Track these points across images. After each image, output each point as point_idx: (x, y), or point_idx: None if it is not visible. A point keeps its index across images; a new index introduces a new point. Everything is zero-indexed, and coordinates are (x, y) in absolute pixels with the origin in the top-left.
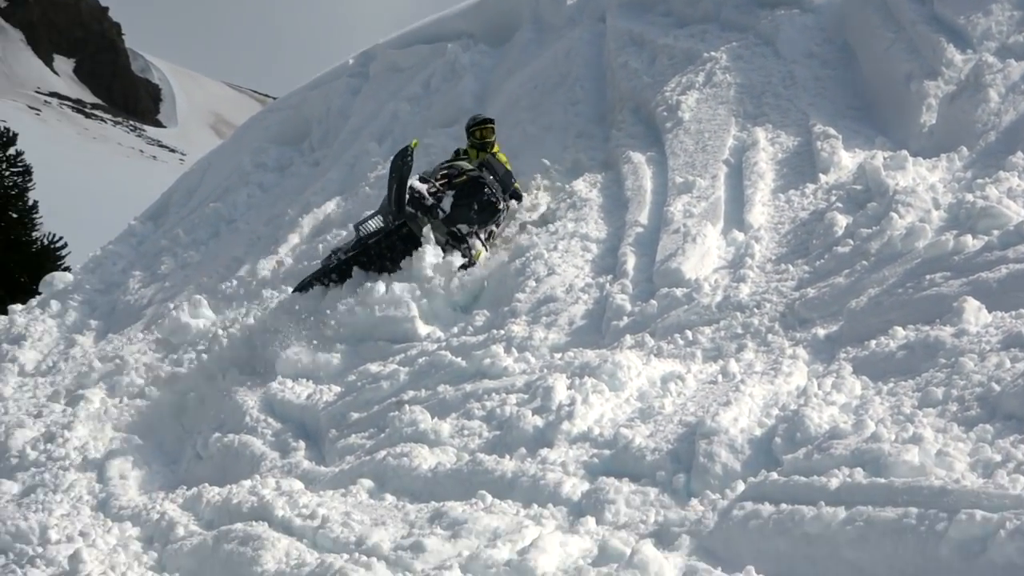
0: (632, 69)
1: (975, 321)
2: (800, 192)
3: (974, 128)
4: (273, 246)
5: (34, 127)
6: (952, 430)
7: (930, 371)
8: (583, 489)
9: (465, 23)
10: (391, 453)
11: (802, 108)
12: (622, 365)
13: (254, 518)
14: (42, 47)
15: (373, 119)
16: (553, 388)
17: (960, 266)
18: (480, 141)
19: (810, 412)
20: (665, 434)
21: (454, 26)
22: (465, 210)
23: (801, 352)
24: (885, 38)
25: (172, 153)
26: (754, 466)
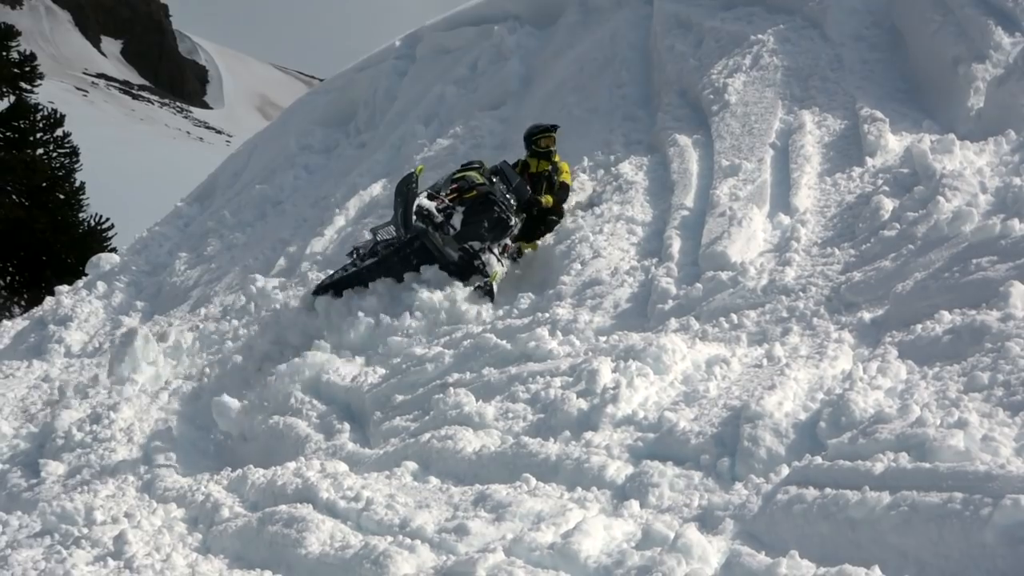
0: (678, 52)
1: (1022, 306)
2: (846, 175)
3: (1022, 112)
4: (319, 228)
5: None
6: (998, 415)
7: (976, 356)
8: (627, 472)
9: (511, 5)
10: (435, 436)
11: (849, 91)
12: (667, 348)
13: (299, 500)
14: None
15: (419, 101)
16: (598, 371)
17: (1007, 250)
18: (544, 150)
19: (855, 396)
20: (710, 418)
21: (500, 8)
22: (476, 227)
23: (846, 336)
24: (933, 21)
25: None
26: (799, 450)
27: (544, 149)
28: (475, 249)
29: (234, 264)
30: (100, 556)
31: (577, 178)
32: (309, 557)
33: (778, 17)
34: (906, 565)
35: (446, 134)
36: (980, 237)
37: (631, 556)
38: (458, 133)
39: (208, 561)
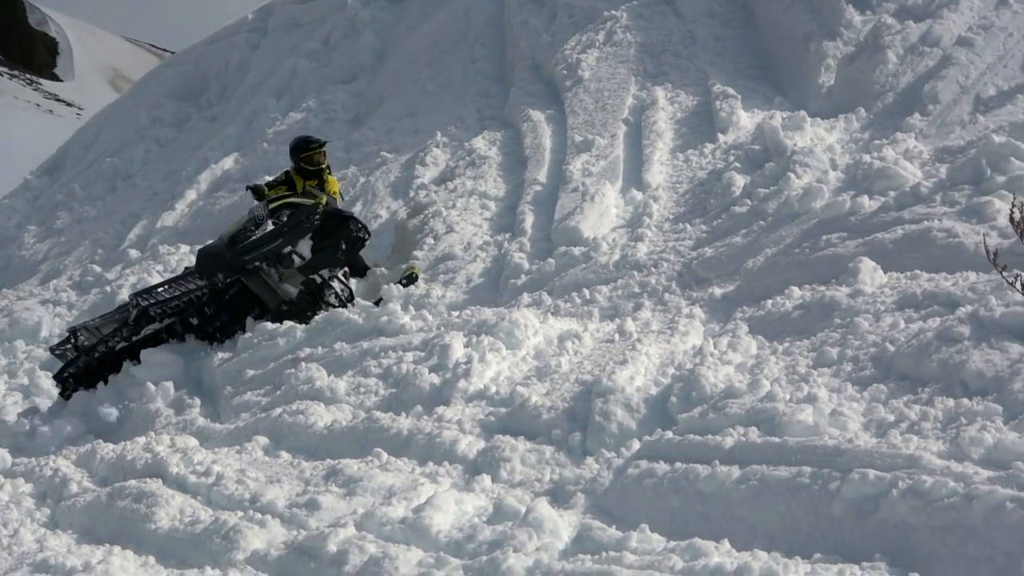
0: (532, 27)
1: (870, 281)
2: (699, 152)
3: (872, 89)
4: (170, 201)
5: None
6: (846, 390)
7: (825, 331)
8: (479, 447)
9: None
10: (287, 410)
11: (702, 67)
12: (519, 323)
13: (148, 475)
14: None
15: (272, 75)
16: (450, 346)
17: (856, 227)
18: (315, 168)
19: (706, 371)
20: (561, 392)
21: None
22: (331, 251)
23: (698, 311)
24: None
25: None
26: (650, 425)
27: (315, 167)
28: (321, 280)
29: (84, 237)
30: None
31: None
32: (159, 532)
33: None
34: (755, 538)
35: (298, 108)
36: (830, 213)
37: (482, 530)
38: (311, 107)
39: (56, 536)
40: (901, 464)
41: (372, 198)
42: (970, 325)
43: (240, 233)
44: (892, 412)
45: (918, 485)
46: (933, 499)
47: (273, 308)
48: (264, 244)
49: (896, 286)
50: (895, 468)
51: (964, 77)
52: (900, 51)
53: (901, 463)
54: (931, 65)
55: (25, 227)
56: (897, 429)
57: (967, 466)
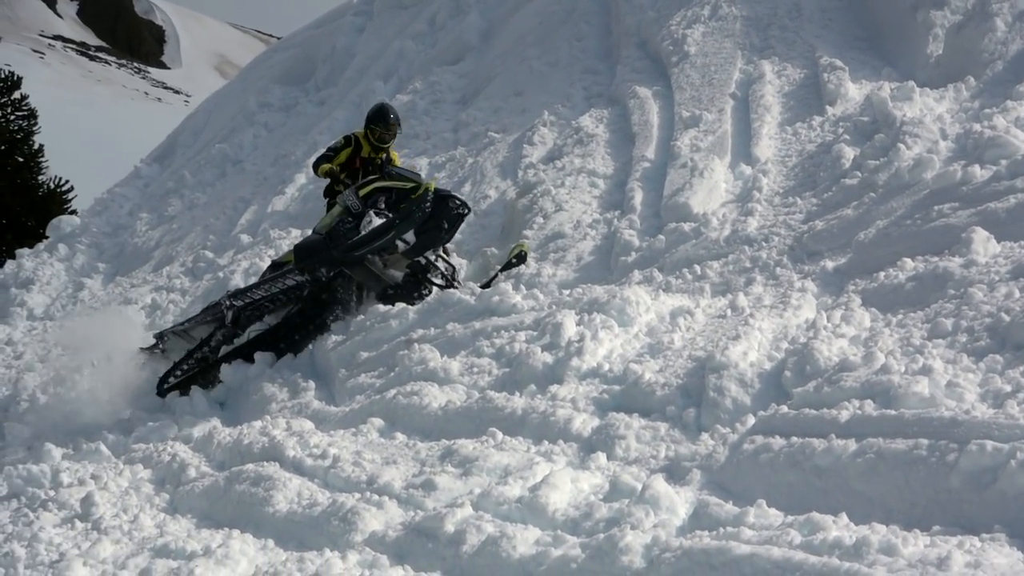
0: (637, 3)
1: (984, 251)
2: (807, 125)
3: (981, 58)
4: (280, 186)
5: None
6: (962, 361)
7: (939, 302)
8: (593, 425)
9: None
10: (401, 392)
11: (808, 40)
12: (631, 300)
13: (265, 459)
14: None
15: (378, 57)
16: (562, 324)
17: (968, 196)
18: (384, 146)
19: (819, 345)
20: (675, 369)
21: None
22: (434, 232)
23: (810, 285)
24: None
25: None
26: (764, 400)
27: (384, 145)
28: (426, 260)
29: (195, 224)
30: (67, 518)
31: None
32: (277, 515)
33: None
34: (873, 512)
35: (405, 90)
36: (941, 184)
37: (599, 508)
38: (417, 89)
39: (176, 521)
40: (1019, 435)
41: (480, 178)
42: None
43: (339, 226)
44: (1009, 382)
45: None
46: None
47: (379, 295)
48: (376, 238)
49: (1010, 255)
50: (1013, 439)
51: None
52: (1009, 18)
53: (1019, 433)
54: None
55: (137, 215)
56: (1014, 399)
57: None
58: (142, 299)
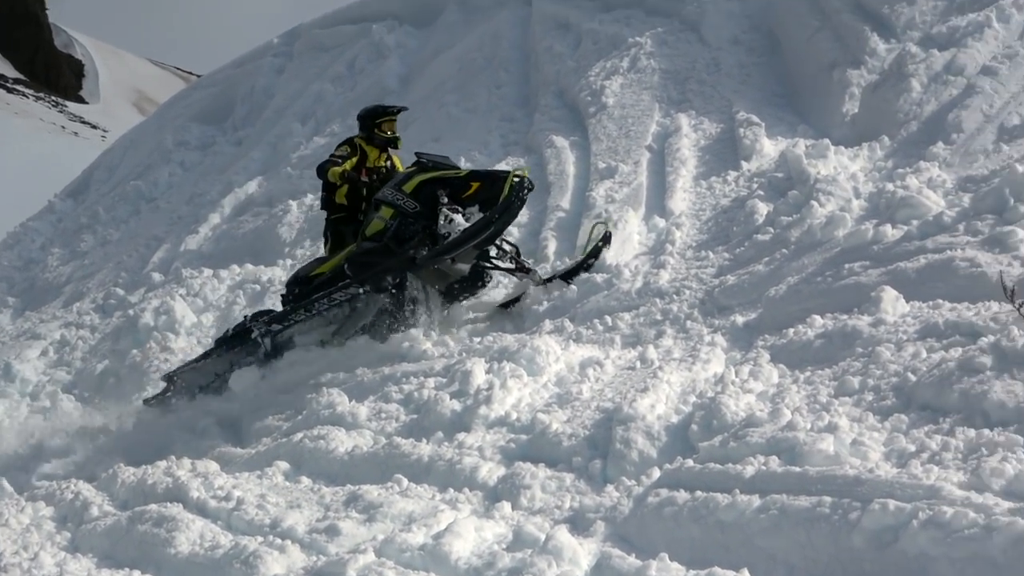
0: (556, 53)
1: (893, 311)
2: (722, 179)
3: (896, 117)
4: (194, 225)
5: None
6: (867, 419)
7: (847, 360)
8: (499, 474)
9: (391, 4)
10: (308, 435)
11: (726, 95)
12: (541, 350)
13: (169, 499)
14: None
15: (297, 99)
16: (471, 372)
17: (879, 255)
18: (390, 138)
19: (727, 400)
20: (582, 420)
21: (380, 7)
22: (506, 215)
23: (719, 339)
24: (810, 26)
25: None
26: (670, 453)
27: (389, 136)
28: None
29: (107, 260)
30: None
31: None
32: (178, 556)
33: (656, 20)
34: (775, 568)
35: (323, 132)
36: (852, 242)
37: (502, 558)
38: (335, 132)
39: (76, 560)
40: (921, 495)
41: None
42: (992, 355)
43: (401, 229)
44: (913, 442)
45: (938, 516)
46: (953, 530)
47: (444, 291)
48: (475, 235)
49: (918, 315)
50: (915, 499)
51: (988, 106)
52: (924, 79)
53: (922, 494)
54: (955, 94)
55: (49, 250)
56: (918, 459)
57: (988, 497)
58: (51, 335)
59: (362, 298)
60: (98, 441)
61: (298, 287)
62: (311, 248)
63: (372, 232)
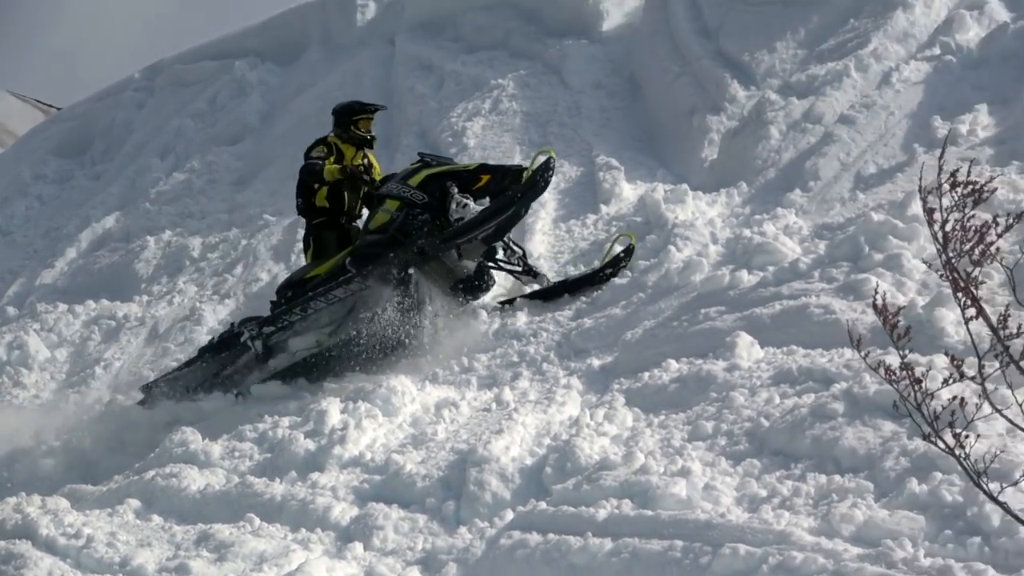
0: (419, 94)
1: (747, 356)
2: (581, 222)
3: (754, 164)
4: (50, 259)
5: None
6: (720, 464)
7: (701, 405)
8: (352, 514)
9: (253, 40)
10: (160, 473)
11: (586, 138)
12: (396, 390)
13: (17, 536)
14: None
15: (157, 134)
16: (326, 412)
17: (735, 301)
18: (366, 135)
19: (581, 442)
20: (437, 461)
21: (242, 43)
22: (518, 206)
23: (575, 382)
24: (671, 71)
25: None
26: (524, 495)
27: (365, 134)
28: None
29: None
30: None
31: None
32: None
33: (519, 62)
34: None
35: (182, 168)
36: (709, 287)
37: None
38: (194, 168)
39: None
40: (772, 540)
41: (253, 261)
42: (844, 402)
43: (408, 220)
44: (765, 487)
45: (788, 561)
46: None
47: (448, 290)
48: (495, 216)
49: (772, 361)
50: (766, 544)
51: (845, 154)
52: (783, 127)
53: (772, 539)
54: (813, 142)
55: None
56: (769, 504)
57: (837, 543)
58: None
59: (363, 294)
60: None
61: (291, 290)
62: (167, 284)
63: (377, 225)
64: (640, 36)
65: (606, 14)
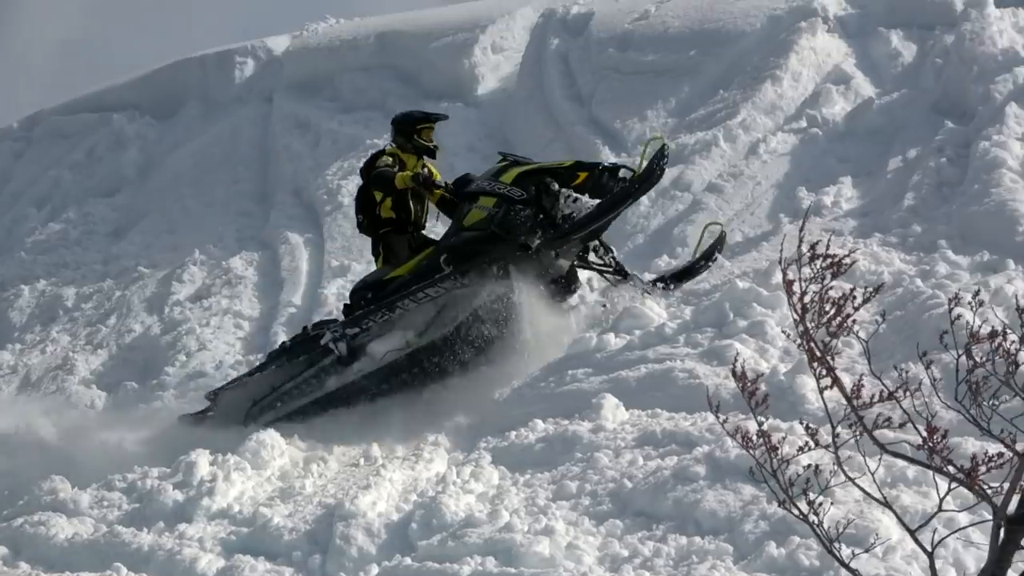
0: (295, 152)
1: (612, 418)
2: None
3: (623, 229)
4: None
5: None
6: (583, 523)
7: (566, 464)
8: (219, 566)
9: (132, 94)
10: (28, 521)
11: None
12: (265, 443)
13: None
14: None
15: (34, 184)
16: (195, 463)
17: (602, 363)
18: (428, 147)
19: (447, 499)
20: (304, 514)
21: (121, 97)
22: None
23: (443, 439)
24: (544, 136)
25: None
26: (389, 550)
27: (428, 143)
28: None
29: None
30: None
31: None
32: None
33: None
34: None
35: (59, 219)
36: (577, 349)
37: None
38: (71, 218)
39: None
40: None
41: (127, 312)
42: (706, 465)
43: (511, 216)
44: (626, 547)
45: None
46: None
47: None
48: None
49: (637, 423)
50: None
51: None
52: (652, 193)
53: None
54: (681, 209)
55: None
56: (631, 564)
57: None
58: None
59: (457, 293)
60: None
61: (370, 292)
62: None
63: (472, 222)
64: (515, 101)
65: (482, 79)
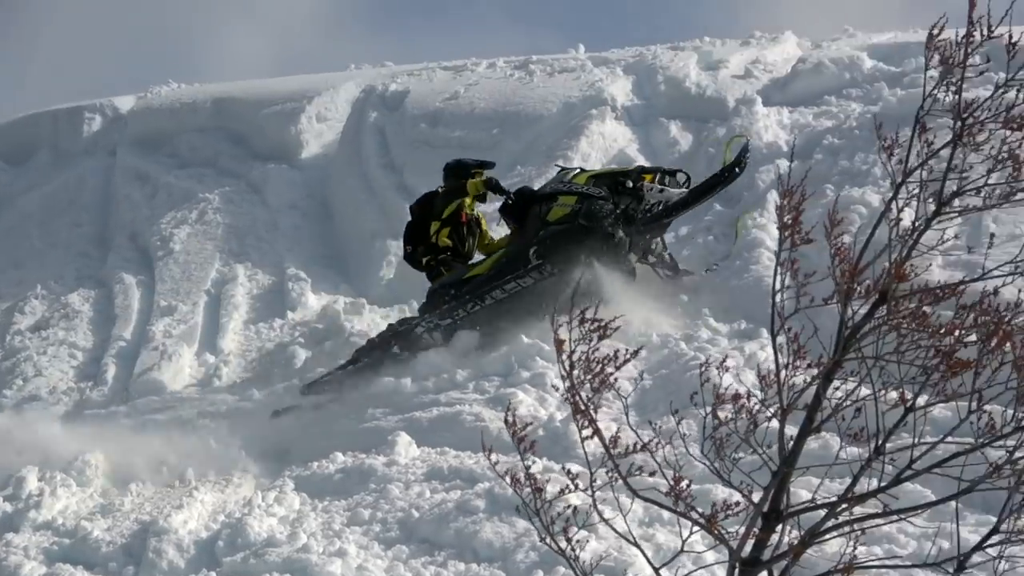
0: (134, 201)
1: (405, 453)
2: (269, 325)
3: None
4: None
5: None
6: (373, 548)
7: (361, 494)
8: (40, 573)
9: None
10: None
11: (280, 252)
12: (90, 463)
13: None
14: None
15: None
16: (25, 479)
17: (399, 404)
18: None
19: (252, 521)
20: (121, 529)
21: None
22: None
23: (252, 466)
24: (359, 199)
25: None
26: (197, 565)
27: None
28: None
29: None
30: None
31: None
32: None
33: (225, 180)
34: None
35: None
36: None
37: None
38: None
39: None
40: None
41: None
42: (486, 500)
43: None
44: (410, 571)
45: None
46: None
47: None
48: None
49: (427, 459)
50: None
51: None
52: None
53: None
54: None
55: None
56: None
57: None
58: None
59: (544, 283)
60: None
61: (453, 289)
62: None
63: (556, 217)
64: (335, 166)
65: (306, 143)
